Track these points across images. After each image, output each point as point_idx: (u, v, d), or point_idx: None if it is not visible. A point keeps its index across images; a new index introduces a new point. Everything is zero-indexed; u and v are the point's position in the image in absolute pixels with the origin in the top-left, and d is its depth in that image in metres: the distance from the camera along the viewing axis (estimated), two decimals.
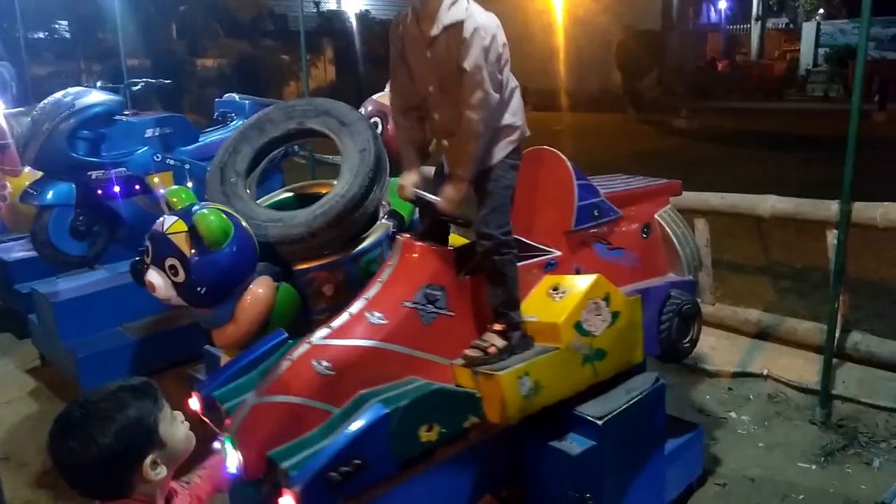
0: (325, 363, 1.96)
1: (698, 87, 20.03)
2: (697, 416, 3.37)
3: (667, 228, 2.81)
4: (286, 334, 2.30)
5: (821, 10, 23.09)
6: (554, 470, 2.23)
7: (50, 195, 3.75)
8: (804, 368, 3.52)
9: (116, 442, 1.34)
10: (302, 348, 2.01)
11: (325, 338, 2.03)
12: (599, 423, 2.21)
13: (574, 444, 2.22)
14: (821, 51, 21.27)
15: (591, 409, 2.27)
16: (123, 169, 3.80)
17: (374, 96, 3.27)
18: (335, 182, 2.78)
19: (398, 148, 2.46)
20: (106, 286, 3.87)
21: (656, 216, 2.82)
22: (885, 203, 3.19)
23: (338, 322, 2.08)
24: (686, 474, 2.81)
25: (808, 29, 22.03)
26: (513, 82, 2.19)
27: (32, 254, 4.13)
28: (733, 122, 15.34)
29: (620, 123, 15.47)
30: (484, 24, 2.02)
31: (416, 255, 2.21)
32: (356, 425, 1.86)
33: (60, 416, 1.36)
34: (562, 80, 18.73)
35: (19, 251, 4.59)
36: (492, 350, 2.14)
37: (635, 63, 16.95)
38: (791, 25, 25.53)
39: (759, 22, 23.28)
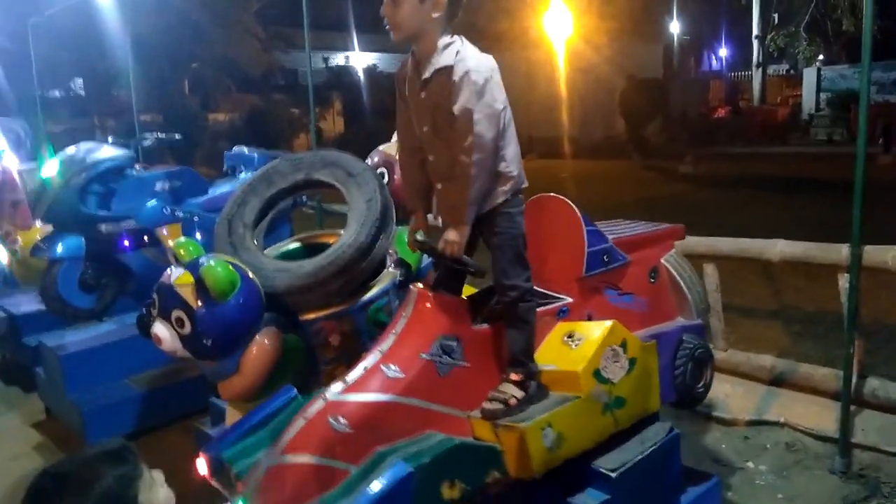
0: (341, 420, 1.92)
1: (702, 133, 20.20)
2: (713, 465, 3.27)
3: (673, 272, 2.80)
4: (295, 391, 2.26)
5: (821, 56, 23.44)
6: None
7: (60, 248, 3.79)
8: (822, 416, 3.43)
9: None
10: (317, 405, 1.97)
11: (341, 393, 1.99)
12: (613, 475, 2.16)
13: (588, 498, 2.16)
14: (822, 95, 21.51)
15: (605, 461, 2.22)
16: (132, 221, 3.85)
17: (381, 147, 3.31)
18: (342, 232, 2.80)
19: (403, 191, 2.49)
20: (113, 339, 3.88)
21: (662, 260, 2.82)
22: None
23: (353, 376, 2.04)
24: None
25: (809, 74, 22.32)
26: (511, 128, 2.15)
27: (41, 307, 4.14)
28: (738, 167, 15.40)
29: (625, 170, 15.57)
30: (476, 67, 2.02)
31: (430, 305, 2.18)
32: (378, 485, 1.79)
33: (31, 488, 1.27)
34: (566, 128, 18.97)
35: (28, 305, 4.61)
36: (512, 402, 2.09)
37: (639, 110, 17.19)
38: (792, 71, 25.90)
39: (761, 69, 23.61)
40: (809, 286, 5.74)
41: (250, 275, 2.45)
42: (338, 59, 24.63)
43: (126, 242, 3.83)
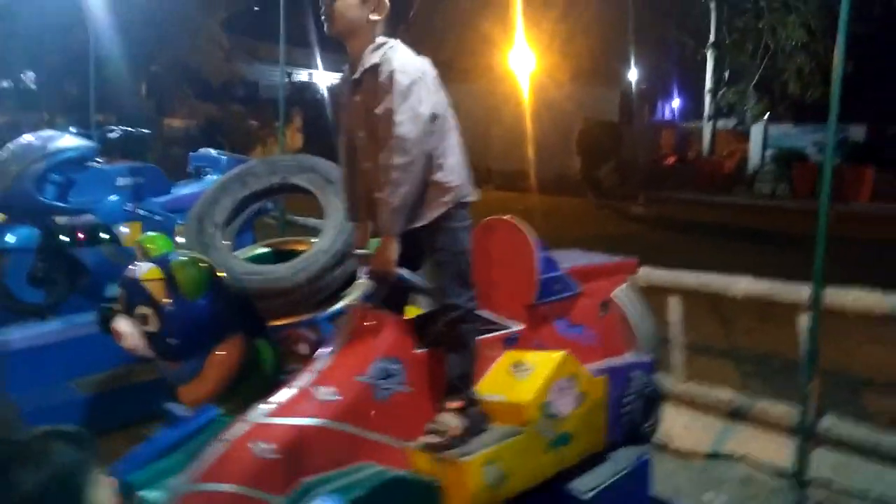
0: (264, 445, 1.77)
1: (653, 178, 20.79)
2: (672, 497, 3.28)
3: (624, 307, 2.77)
4: (217, 411, 2.16)
5: (766, 115, 24.52)
6: None
7: (11, 238, 3.59)
8: (778, 451, 3.50)
9: (38, 493, 1.15)
10: (240, 428, 1.84)
11: (268, 415, 1.86)
12: (586, 497, 2.14)
13: None
14: (768, 151, 22.48)
15: (578, 483, 2.19)
16: (91, 216, 3.68)
17: None
18: (314, 240, 2.74)
19: (345, 207, 2.42)
20: (59, 338, 3.67)
21: (613, 294, 2.77)
22: (855, 290, 3.28)
23: (282, 397, 1.92)
24: None
25: (756, 131, 23.32)
26: (451, 139, 2.10)
27: None
28: (687, 212, 15.89)
29: (580, 207, 15.87)
30: (401, 67, 1.96)
31: (370, 324, 2.08)
32: None
33: None
34: (524, 163, 19.28)
35: None
36: (453, 433, 1.99)
37: (594, 151, 17.63)
38: (739, 127, 27.02)
39: (711, 121, 24.57)
40: (760, 327, 5.91)
41: (221, 275, 2.36)
42: (301, 76, 24.52)
43: (82, 237, 3.65)
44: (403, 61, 1.99)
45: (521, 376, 2.20)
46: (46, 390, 3.54)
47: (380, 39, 2.04)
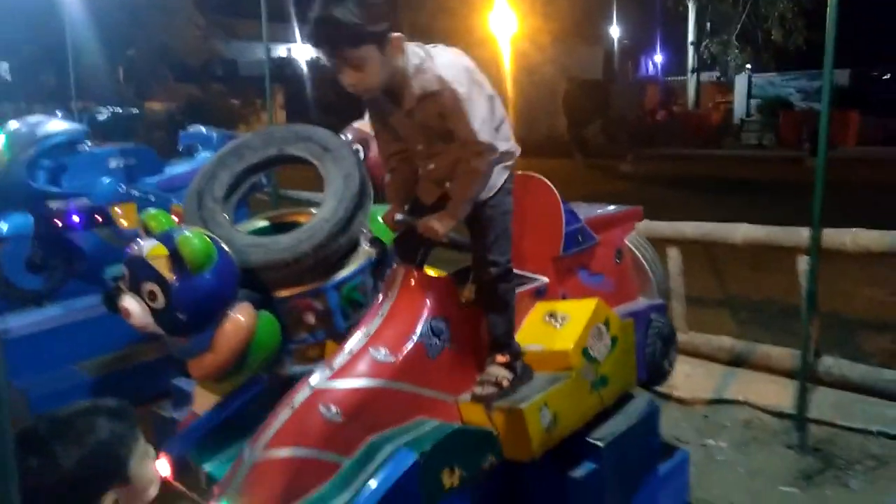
0: (333, 408, 1.82)
1: (640, 134, 20.79)
2: (676, 444, 3.36)
3: (636, 252, 2.85)
4: (265, 381, 2.18)
5: (749, 64, 24.46)
6: (557, 495, 2.17)
7: (6, 227, 3.56)
8: (779, 393, 3.58)
9: (81, 468, 1.19)
10: (303, 393, 1.86)
11: (328, 379, 1.89)
12: (602, 445, 2.18)
13: (577, 468, 2.17)
14: (753, 102, 22.49)
15: (592, 432, 2.24)
16: (85, 199, 3.65)
17: (355, 123, 3.25)
18: (314, 210, 2.73)
19: (380, 176, 2.44)
20: (60, 323, 3.67)
21: (626, 241, 2.85)
22: (854, 229, 3.33)
23: (339, 361, 1.94)
24: (675, 500, 2.78)
25: (741, 81, 23.29)
26: (500, 111, 2.14)
27: None
28: (675, 167, 15.93)
29: (568, 168, 15.85)
30: (456, 76, 1.92)
31: (418, 285, 2.12)
32: (384, 477, 1.73)
33: (25, 430, 1.21)
34: (511, 127, 19.20)
35: None
36: (505, 383, 2.05)
37: (581, 111, 17.58)
38: (722, 79, 26.94)
39: (695, 74, 24.48)
40: (754, 277, 5.99)
41: (226, 248, 2.36)
42: (279, 51, 24.15)
43: (77, 221, 3.63)
44: (454, 72, 1.93)
45: (558, 325, 2.25)
46: (52, 375, 3.56)
47: (413, 59, 1.94)
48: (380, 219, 2.69)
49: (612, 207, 2.98)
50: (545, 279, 2.48)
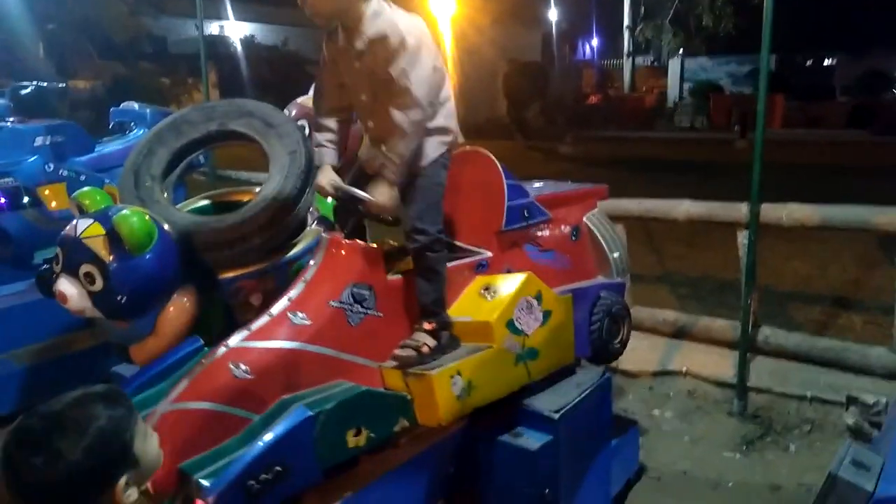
0: (242, 366, 1.83)
1: (578, 117, 21.10)
2: (623, 416, 3.44)
3: (595, 231, 2.86)
4: (201, 341, 2.13)
5: (682, 49, 25.08)
6: (511, 467, 2.19)
7: None
8: (719, 364, 3.70)
9: (88, 459, 1.15)
10: (218, 351, 1.88)
11: (244, 340, 1.91)
12: (556, 416, 2.20)
13: (531, 440, 2.19)
14: (685, 85, 23.13)
15: (545, 403, 2.26)
16: (10, 179, 3.43)
17: (299, 99, 3.14)
18: (257, 189, 2.64)
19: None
20: None
21: (584, 219, 2.86)
22: (789, 204, 3.45)
23: (257, 324, 1.96)
24: (625, 469, 2.86)
25: (674, 65, 23.91)
26: (446, 89, 2.20)
27: None
28: (612, 149, 16.24)
29: (509, 150, 15.95)
30: (407, 29, 2.03)
31: (341, 251, 2.12)
32: (277, 430, 1.75)
33: (18, 429, 1.15)
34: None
35: None
36: (424, 349, 2.07)
37: (521, 93, 17.67)
38: (656, 63, 27.57)
39: (630, 58, 24.94)
40: (691, 253, 6.18)
41: (166, 227, 2.26)
42: (212, 28, 23.34)
43: (2, 202, 3.41)
44: (408, 24, 2.04)
45: (489, 297, 2.26)
46: None
47: (372, 5, 2.04)
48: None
49: (574, 185, 3.00)
50: (488, 253, 2.49)
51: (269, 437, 1.73)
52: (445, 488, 2.28)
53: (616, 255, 2.88)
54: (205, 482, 1.64)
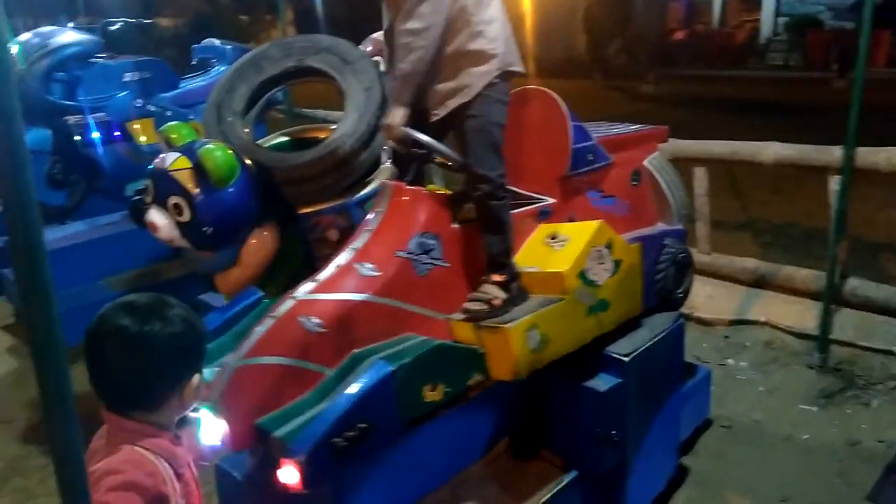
0: (314, 319, 1.81)
1: (662, 54, 20.10)
2: (696, 363, 3.38)
3: (656, 175, 2.72)
4: (260, 293, 2.18)
5: None
6: (579, 408, 2.20)
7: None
8: (801, 314, 3.57)
9: (187, 333, 1.25)
10: (286, 304, 1.86)
11: (312, 292, 1.88)
12: (626, 360, 2.19)
13: (600, 382, 2.18)
14: (780, 20, 21.59)
15: (616, 347, 2.24)
16: (103, 114, 3.59)
17: (374, 35, 3.12)
18: (334, 126, 2.66)
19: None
20: (85, 238, 3.68)
21: (645, 163, 2.72)
22: (888, 147, 3.22)
23: (324, 275, 1.93)
24: (695, 416, 2.83)
25: None
26: (493, 8, 2.06)
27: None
28: (698, 88, 15.48)
29: (588, 89, 15.43)
30: None
31: (407, 199, 2.06)
32: (359, 386, 1.72)
33: (123, 303, 1.23)
34: (527, 47, 18.64)
35: None
36: (495, 302, 2.01)
37: (602, 29, 16.94)
38: None
39: None
40: (776, 200, 5.90)
41: (248, 162, 2.33)
42: None
43: (96, 136, 3.58)
44: None
45: (557, 247, 2.19)
46: (80, 291, 3.59)
47: None
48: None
49: (633, 127, 2.86)
50: (550, 200, 2.39)
51: (351, 392, 1.71)
52: (512, 426, 2.31)
53: (678, 199, 2.75)
54: (289, 440, 1.64)
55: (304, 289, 1.89)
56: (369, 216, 2.10)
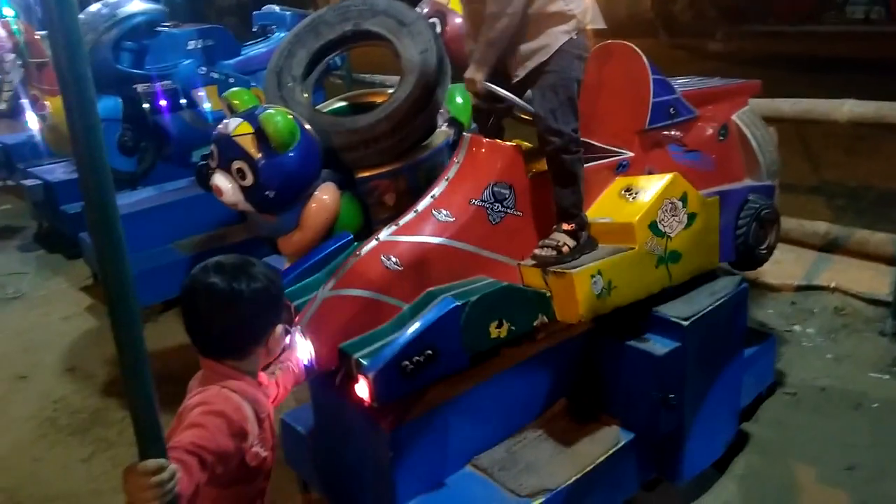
0: (393, 259, 1.94)
1: (731, 10, 19.16)
2: (760, 329, 3.30)
3: (745, 130, 2.68)
4: (351, 236, 2.26)
5: None
6: (637, 371, 2.18)
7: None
8: (874, 280, 3.42)
9: (269, 289, 1.37)
10: (370, 244, 2.00)
11: (393, 234, 2.01)
12: (685, 323, 2.16)
13: (658, 345, 2.17)
14: None
15: (676, 310, 2.22)
16: (170, 82, 3.70)
17: None
18: (391, 90, 2.67)
19: (457, 51, 2.36)
20: (155, 203, 3.83)
21: (734, 118, 2.68)
22: None
23: (405, 220, 2.06)
24: (758, 382, 2.77)
25: None
26: None
27: (76, 174, 4.06)
28: (769, 45, 14.71)
29: (653, 48, 14.69)
30: None
31: (484, 151, 2.14)
32: (427, 317, 1.85)
33: (213, 263, 1.40)
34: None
35: (63, 172, 4.54)
36: (564, 249, 2.07)
37: None
38: None
39: None
40: (850, 161, 5.62)
41: (307, 127, 2.36)
42: None
43: (164, 104, 3.70)
44: None
45: (630, 199, 2.21)
46: (151, 254, 3.76)
47: None
48: (458, 98, 2.62)
49: (724, 81, 2.80)
50: (628, 153, 2.40)
51: (420, 323, 1.83)
52: (570, 387, 2.32)
53: (767, 155, 2.68)
54: (364, 361, 1.78)
55: (386, 231, 2.04)
56: (448, 166, 2.20)
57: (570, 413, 2.30)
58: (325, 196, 2.40)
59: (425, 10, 3.10)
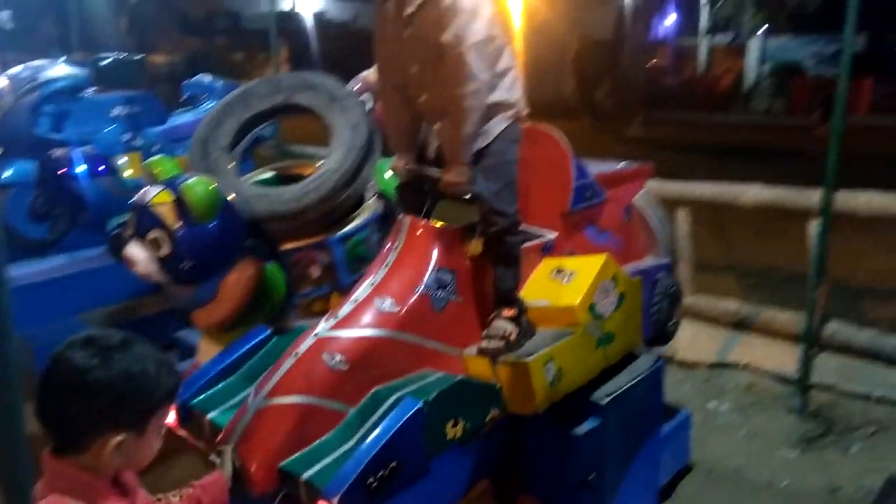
0: (337, 356, 1.81)
1: (650, 98, 20.43)
2: (676, 406, 3.37)
3: (645, 211, 2.81)
4: (269, 331, 2.18)
5: (762, 27, 23.91)
6: (558, 450, 2.18)
7: (9, 173, 3.52)
8: (782, 358, 3.57)
9: (134, 381, 1.16)
10: (308, 342, 1.86)
11: (333, 328, 1.88)
12: (604, 402, 2.18)
13: (579, 425, 2.16)
14: (765, 66, 22.08)
15: (596, 390, 2.23)
16: (90, 147, 3.60)
17: (362, 74, 3.19)
18: (320, 163, 2.69)
19: (386, 127, 2.39)
20: (64, 272, 3.64)
21: (634, 199, 2.81)
22: (868, 191, 3.27)
23: (344, 311, 1.94)
24: (675, 460, 2.81)
25: (753, 45, 22.81)
26: (506, 59, 2.08)
27: None
28: (684, 132, 15.73)
29: (577, 130, 15.43)
30: None
31: (425, 235, 2.09)
32: (390, 424, 1.71)
33: (84, 337, 1.21)
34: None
35: None
36: (511, 338, 2.04)
37: (592, 72, 17.28)
38: (736, 41, 26.37)
39: (708, 36, 23.98)
40: (760, 243, 5.96)
41: (231, 197, 2.33)
42: (283, 4, 23.69)
43: (81, 169, 3.59)
44: None
45: (565, 280, 2.22)
46: (54, 326, 3.54)
47: None
48: (387, 172, 2.65)
49: (622, 164, 2.94)
50: (553, 234, 2.45)
51: (382, 432, 1.69)
52: (491, 468, 2.28)
53: (664, 235, 2.84)
54: (319, 482, 1.61)
55: (325, 325, 1.90)
56: (385, 250, 2.12)
57: (493, 495, 2.25)
58: (246, 268, 2.35)
59: (357, 87, 3.18)
